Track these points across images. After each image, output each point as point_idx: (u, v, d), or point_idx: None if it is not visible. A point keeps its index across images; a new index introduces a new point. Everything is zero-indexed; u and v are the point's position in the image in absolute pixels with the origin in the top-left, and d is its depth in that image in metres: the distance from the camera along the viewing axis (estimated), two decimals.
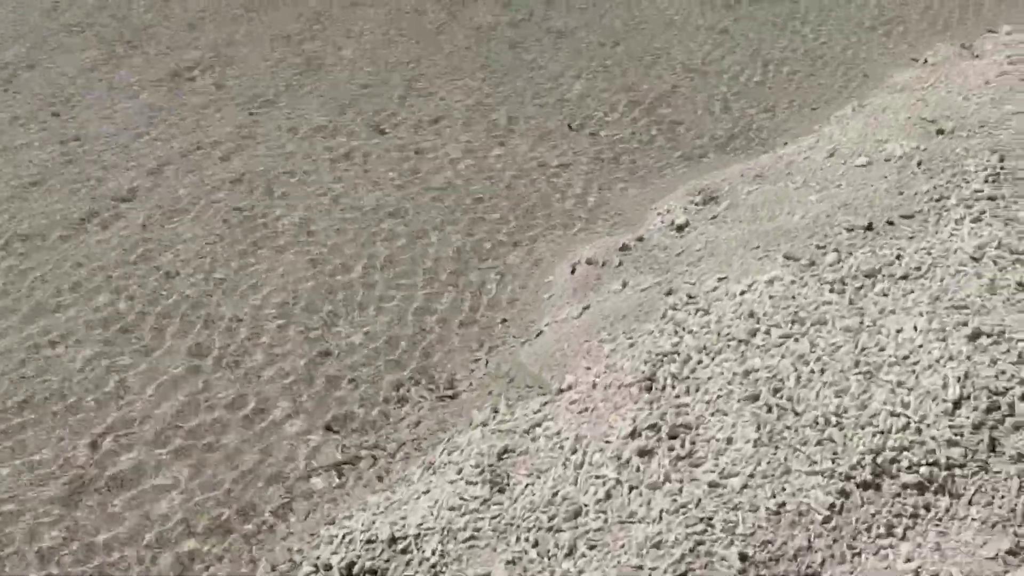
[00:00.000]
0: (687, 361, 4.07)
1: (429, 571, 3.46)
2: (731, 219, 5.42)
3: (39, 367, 4.84)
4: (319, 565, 3.67)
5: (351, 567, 3.59)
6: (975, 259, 4.41)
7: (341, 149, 6.89)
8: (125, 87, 7.89)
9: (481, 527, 3.56)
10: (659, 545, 3.24)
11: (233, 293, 5.42)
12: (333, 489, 4.13)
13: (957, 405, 3.53)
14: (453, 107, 7.48)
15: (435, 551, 3.51)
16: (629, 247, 5.26)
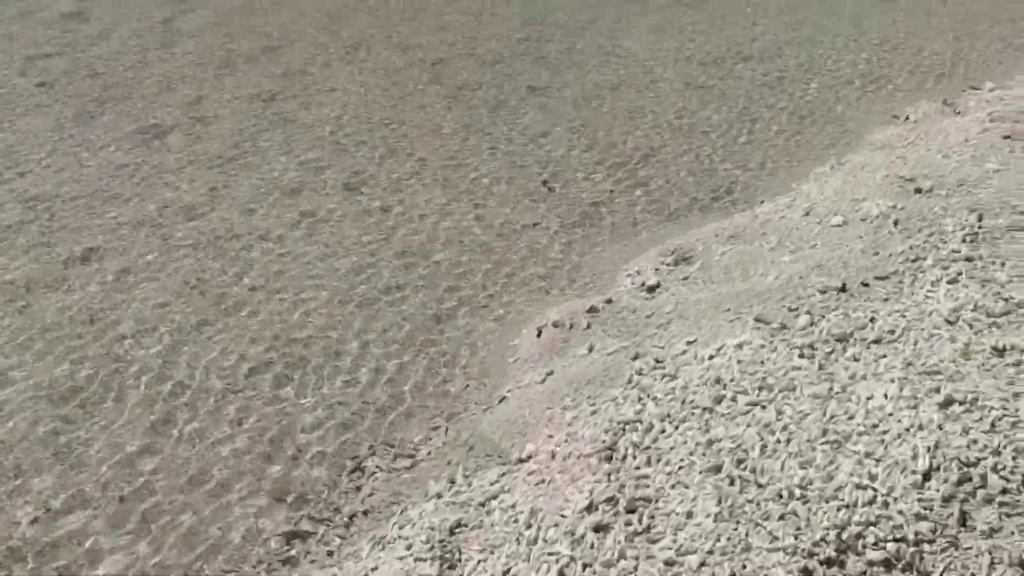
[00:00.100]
0: (649, 430, 3.97)
1: None
2: (703, 280, 5.36)
3: None
4: None
5: None
6: (950, 322, 4.34)
7: (314, 209, 6.86)
8: (95, 146, 7.88)
9: None
10: None
11: (196, 361, 5.32)
12: (281, 565, 4.01)
13: (926, 477, 3.42)
14: (430, 166, 7.47)
15: None
16: (598, 309, 5.19)
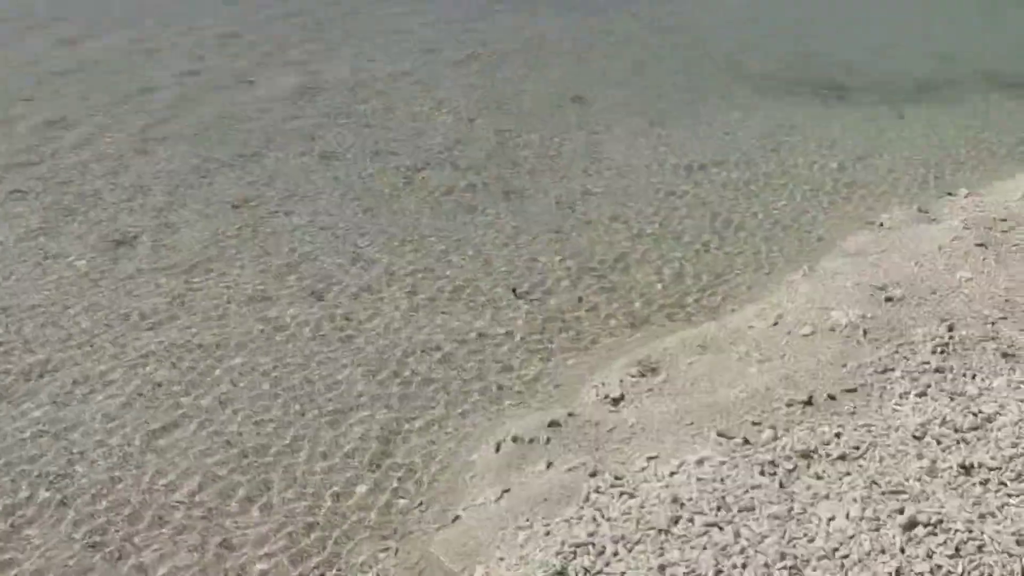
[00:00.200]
0: (601, 553, 3.85)
1: None
2: (668, 392, 5.28)
3: None
4: None
5: None
6: (917, 438, 4.26)
7: (277, 319, 6.80)
8: (59, 255, 7.85)
9: None
10: None
11: (142, 477, 5.21)
12: None
13: None
14: (398, 274, 7.44)
15: None
16: (559, 423, 5.09)
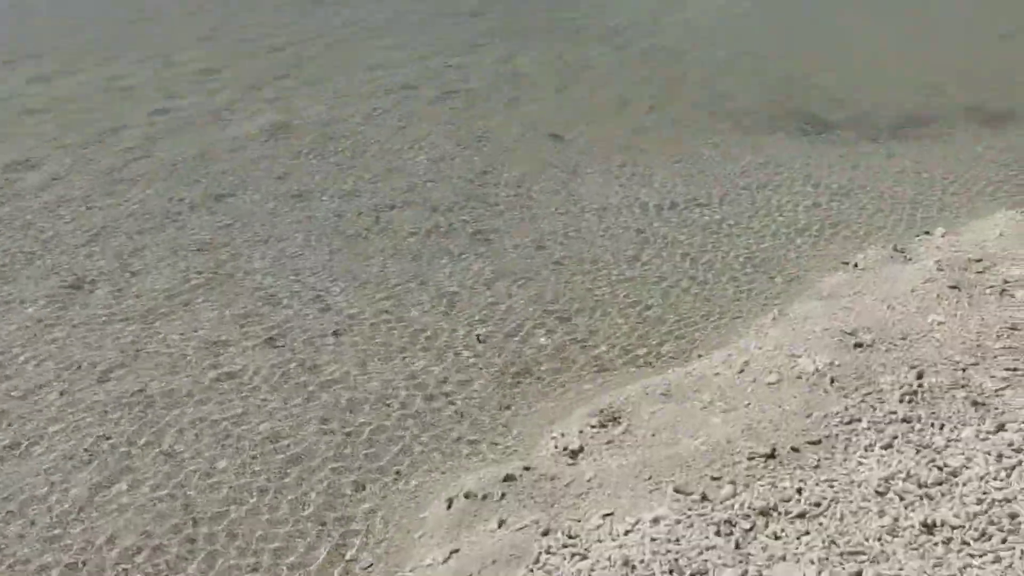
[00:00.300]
0: None
1: None
2: (628, 444, 5.12)
3: None
4: None
5: None
6: (880, 493, 4.11)
7: (231, 367, 6.64)
8: (15, 301, 7.70)
9: None
10: None
11: (80, 536, 5.04)
12: None
13: None
14: (359, 318, 7.30)
15: None
16: (514, 477, 4.93)
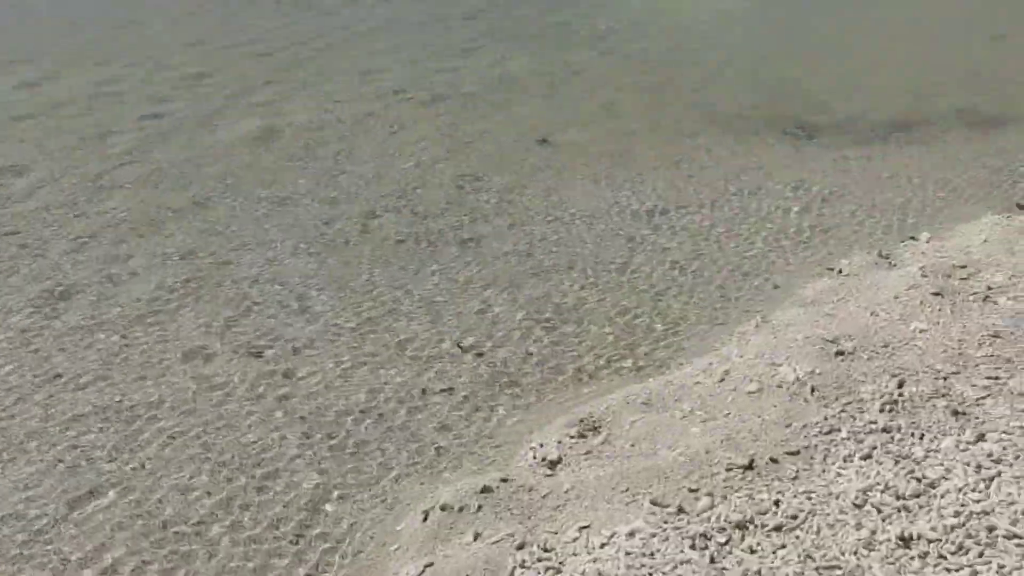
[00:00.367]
0: None
1: None
2: (607, 455, 5.09)
3: None
4: None
5: None
6: (857, 506, 4.08)
7: (212, 377, 6.60)
8: None
9: None
10: None
11: (54, 554, 4.99)
12: None
13: None
14: (343, 327, 7.26)
15: None
16: (491, 488, 4.89)
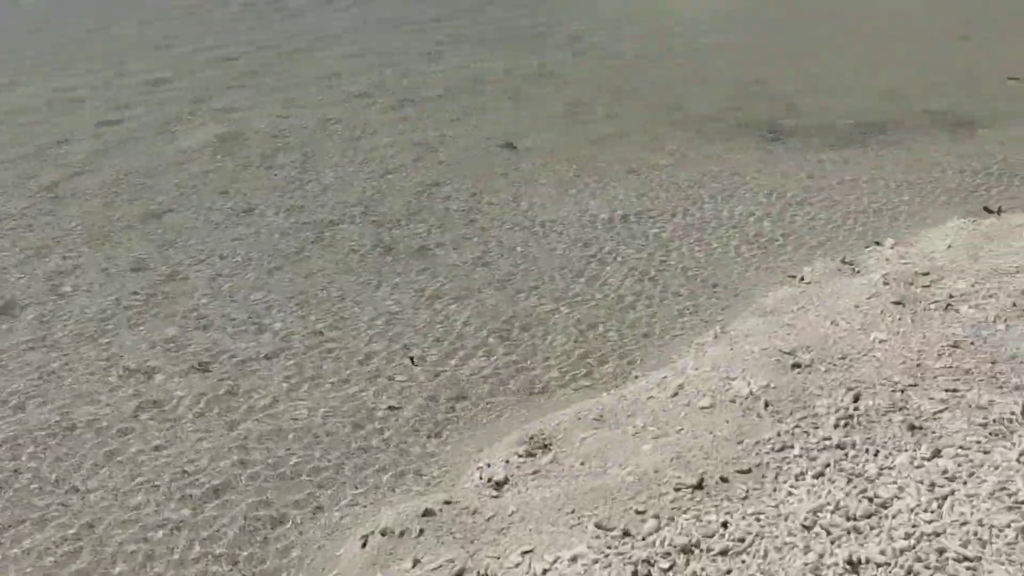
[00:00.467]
0: None
1: None
2: (555, 474, 4.91)
3: None
4: None
5: None
6: (807, 527, 3.92)
7: (156, 396, 6.38)
8: None
9: None
10: None
11: None
12: None
13: None
14: (293, 341, 7.06)
15: None
16: (434, 512, 4.70)
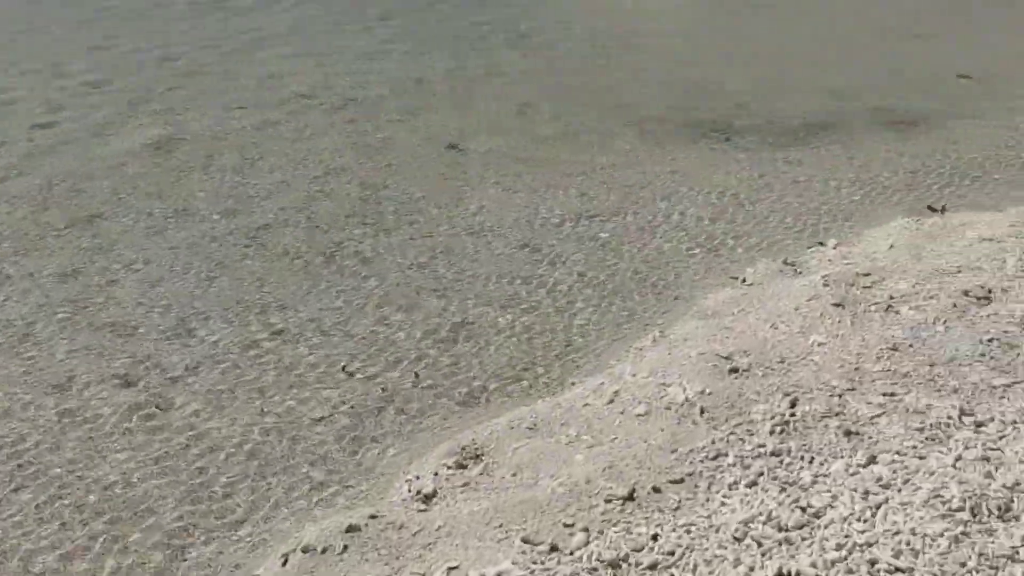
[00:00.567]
0: None
1: None
2: (485, 486, 4.78)
3: None
4: None
5: None
6: (737, 539, 3.82)
7: (77, 410, 6.13)
8: None
9: None
10: None
11: None
12: None
13: None
14: (224, 352, 6.85)
15: None
16: (358, 527, 4.54)
